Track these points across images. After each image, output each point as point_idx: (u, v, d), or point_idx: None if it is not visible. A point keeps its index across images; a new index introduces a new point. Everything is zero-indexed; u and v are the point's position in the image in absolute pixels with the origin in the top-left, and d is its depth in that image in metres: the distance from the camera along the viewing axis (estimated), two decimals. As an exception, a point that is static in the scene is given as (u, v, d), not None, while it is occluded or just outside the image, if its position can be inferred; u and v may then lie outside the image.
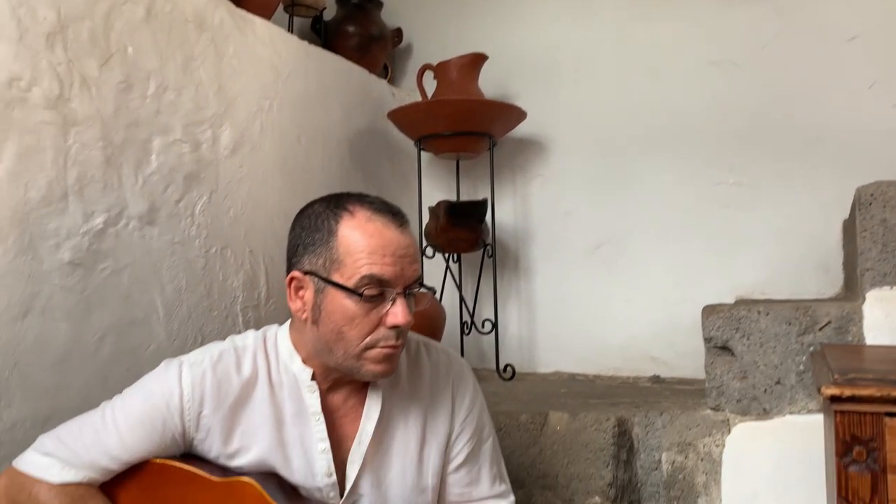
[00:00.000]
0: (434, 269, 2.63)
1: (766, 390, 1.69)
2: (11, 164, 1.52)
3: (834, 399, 1.00)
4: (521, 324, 2.78)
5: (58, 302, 1.60)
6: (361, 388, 1.27)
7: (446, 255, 2.60)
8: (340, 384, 1.26)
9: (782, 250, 2.40)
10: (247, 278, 2.08)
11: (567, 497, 1.81)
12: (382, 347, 1.17)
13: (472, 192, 2.79)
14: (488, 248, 2.52)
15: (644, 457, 1.85)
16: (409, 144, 2.66)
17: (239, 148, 2.07)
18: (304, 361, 1.24)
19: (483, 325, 2.55)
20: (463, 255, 2.65)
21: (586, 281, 2.68)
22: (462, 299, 2.58)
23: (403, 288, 1.16)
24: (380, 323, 1.16)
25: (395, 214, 1.19)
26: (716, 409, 1.75)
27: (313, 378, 1.23)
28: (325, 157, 2.42)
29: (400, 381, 1.30)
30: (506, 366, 2.50)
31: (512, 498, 1.39)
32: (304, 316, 1.19)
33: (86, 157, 1.66)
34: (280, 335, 1.28)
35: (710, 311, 1.79)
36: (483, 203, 2.44)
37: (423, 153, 2.58)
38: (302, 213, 1.23)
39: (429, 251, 2.54)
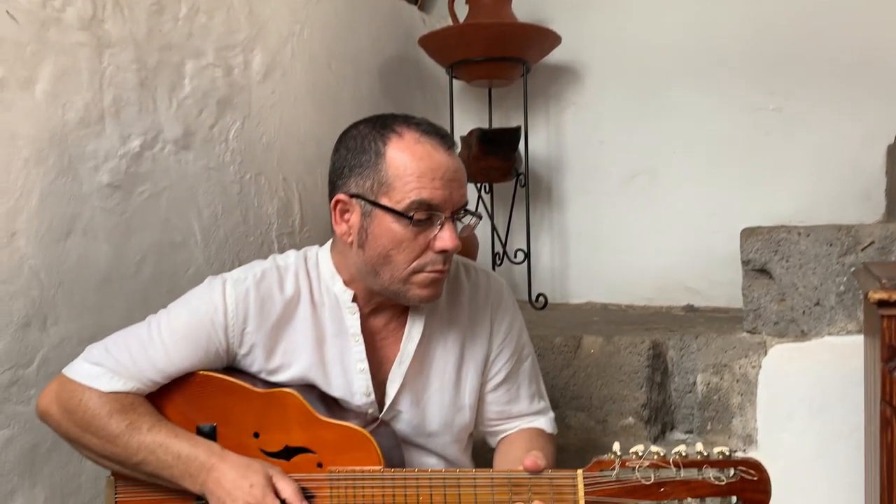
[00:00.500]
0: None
1: (804, 312, 1.67)
2: (49, 86, 1.53)
3: (882, 304, 0.99)
4: (554, 254, 2.77)
5: (99, 223, 1.62)
6: (402, 311, 1.28)
7: (478, 185, 2.58)
8: (382, 308, 1.27)
9: (822, 178, 2.35)
10: (281, 205, 2.09)
11: (601, 418, 1.83)
12: (429, 272, 1.17)
13: (505, 121, 2.75)
14: (521, 177, 2.50)
15: (678, 380, 1.85)
16: (440, 72, 2.63)
17: (270, 73, 2.05)
18: (346, 284, 1.25)
19: (515, 256, 2.54)
20: (495, 186, 2.63)
21: (620, 211, 2.65)
22: (494, 229, 2.57)
23: (451, 212, 1.16)
24: (427, 247, 1.16)
25: (443, 137, 1.17)
26: (752, 332, 1.74)
27: (354, 300, 1.25)
28: (356, 85, 2.40)
29: (439, 303, 1.30)
30: (538, 295, 2.50)
31: (551, 414, 1.41)
32: (350, 239, 1.19)
33: (121, 79, 1.66)
34: (321, 256, 1.29)
35: (748, 233, 1.76)
36: (517, 130, 2.41)
37: (454, 81, 2.54)
38: (346, 134, 1.21)
39: (461, 181, 2.52)
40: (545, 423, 1.38)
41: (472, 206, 2.59)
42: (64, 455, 1.55)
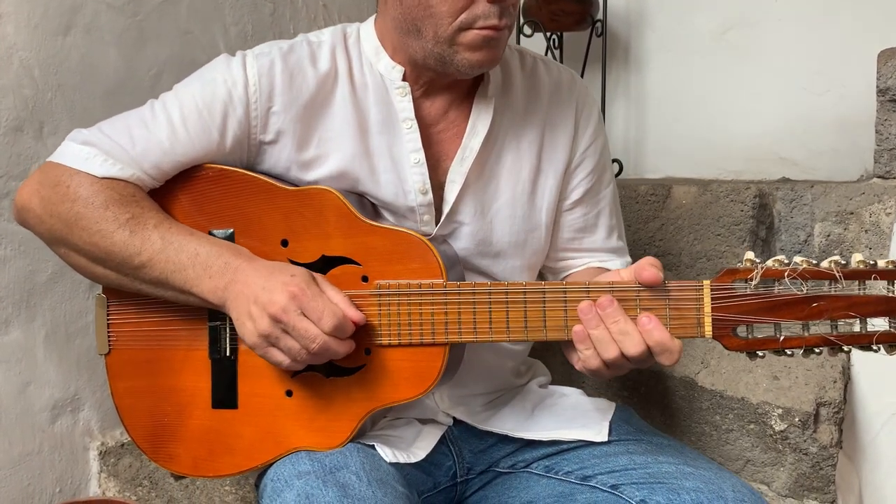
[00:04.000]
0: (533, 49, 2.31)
1: (958, 148, 1.35)
2: None
3: None
4: (630, 123, 2.47)
5: (105, 22, 1.37)
6: (465, 97, 1.03)
7: (548, 35, 2.26)
8: (436, 89, 1.01)
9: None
10: (322, 37, 1.81)
11: (692, 277, 1.55)
12: (480, 28, 0.91)
13: (578, -33, 2.40)
14: (598, 25, 2.18)
15: (786, 237, 1.56)
16: None
17: None
18: (392, 58, 1.00)
19: (587, 118, 2.24)
20: (566, 37, 2.31)
21: (709, 72, 2.31)
22: (564, 88, 2.26)
23: None
24: None
25: None
26: (886, 176, 1.43)
27: (404, 79, 0.99)
28: None
29: (513, 94, 1.05)
30: (613, 160, 2.20)
31: (628, 258, 1.14)
32: None
33: None
34: (363, 29, 1.04)
35: (889, 54, 1.44)
36: (595, -36, 2.07)
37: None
38: None
39: (526, 29, 2.22)
40: (622, 265, 1.10)
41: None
42: (67, 287, 1.34)
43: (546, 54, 2.28)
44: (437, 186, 1.00)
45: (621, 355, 0.82)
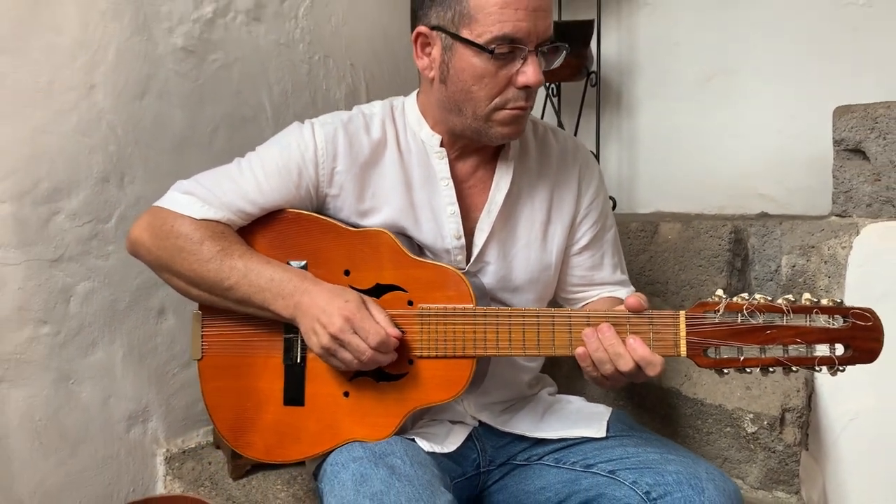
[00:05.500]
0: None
1: (902, 190, 1.58)
2: (124, -61, 1.50)
3: None
4: (622, 162, 2.69)
5: (173, 87, 1.61)
6: (490, 160, 1.25)
7: (547, 85, 2.50)
8: (468, 153, 1.24)
9: (914, 77, 2.21)
10: (348, 91, 2.05)
11: (677, 303, 1.77)
12: (511, 109, 1.13)
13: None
14: (592, 76, 2.41)
15: (759, 267, 1.79)
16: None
17: (340, -48, 2.00)
18: (433, 128, 1.22)
19: (583, 158, 2.46)
20: (563, 87, 2.55)
21: (694, 116, 2.54)
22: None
23: (535, 46, 1.10)
24: (509, 83, 1.12)
25: None
26: (842, 215, 1.66)
27: (441, 145, 1.22)
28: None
29: (528, 158, 1.27)
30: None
31: (631, 288, 1.37)
32: (432, 74, 1.16)
33: (194, -60, 1.63)
34: (407, 103, 1.27)
35: (843, 111, 1.67)
36: (589, 24, 2.32)
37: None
38: None
39: (529, 80, 2.45)
40: (626, 294, 1.33)
41: (538, 109, 2.54)
42: (141, 314, 1.56)
43: (546, 102, 2.53)
44: (468, 232, 1.22)
45: (616, 371, 1.04)
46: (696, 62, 2.53)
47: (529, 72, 1.10)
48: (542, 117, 2.56)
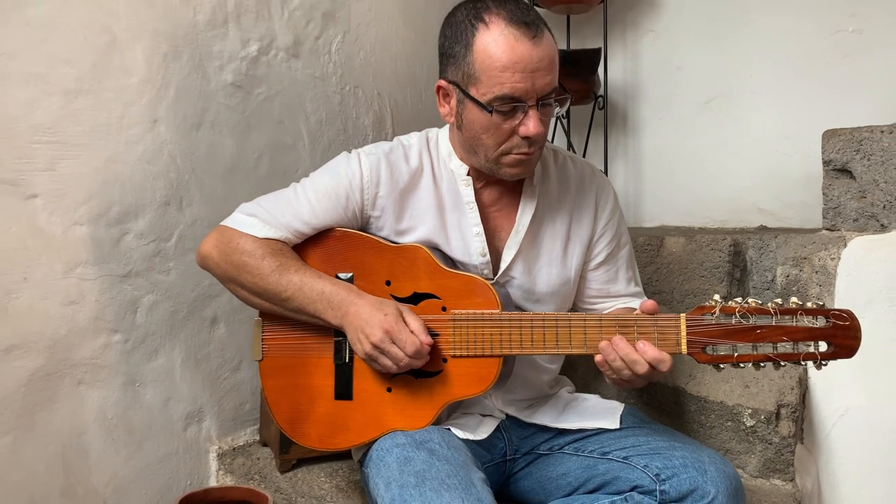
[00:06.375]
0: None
1: (884, 206, 1.74)
2: (182, -12, 1.68)
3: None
4: (628, 180, 2.86)
5: (224, 118, 1.78)
6: (514, 187, 1.40)
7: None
8: (491, 183, 1.40)
9: (901, 100, 2.37)
10: (375, 118, 2.22)
11: (681, 311, 1.92)
12: (516, 154, 1.29)
13: (582, 48, 2.82)
14: (600, 99, 2.58)
15: (756, 277, 1.94)
16: None
17: (368, -9, 2.18)
18: (461, 160, 1.38)
19: (593, 176, 2.62)
20: (573, 110, 2.72)
21: (695, 136, 2.71)
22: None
23: (536, 100, 1.23)
24: (513, 132, 1.26)
25: (528, 25, 1.21)
26: (831, 229, 1.82)
27: (468, 174, 1.38)
28: (442, 7, 2.50)
29: (550, 184, 1.43)
30: (615, 213, 2.59)
31: (645, 299, 1.52)
32: (451, 120, 1.33)
33: (241, -13, 1.81)
34: (441, 136, 1.43)
35: (830, 134, 1.83)
36: (597, 52, 2.49)
37: (535, 7, 2.62)
38: (448, 19, 1.31)
39: (541, 104, 2.61)
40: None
41: (550, 131, 2.70)
42: (196, 324, 1.73)
43: (556, 124, 2.70)
44: (494, 251, 1.38)
45: (633, 374, 1.20)
46: (697, 86, 2.70)
47: (530, 125, 1.24)
48: (553, 138, 2.73)
